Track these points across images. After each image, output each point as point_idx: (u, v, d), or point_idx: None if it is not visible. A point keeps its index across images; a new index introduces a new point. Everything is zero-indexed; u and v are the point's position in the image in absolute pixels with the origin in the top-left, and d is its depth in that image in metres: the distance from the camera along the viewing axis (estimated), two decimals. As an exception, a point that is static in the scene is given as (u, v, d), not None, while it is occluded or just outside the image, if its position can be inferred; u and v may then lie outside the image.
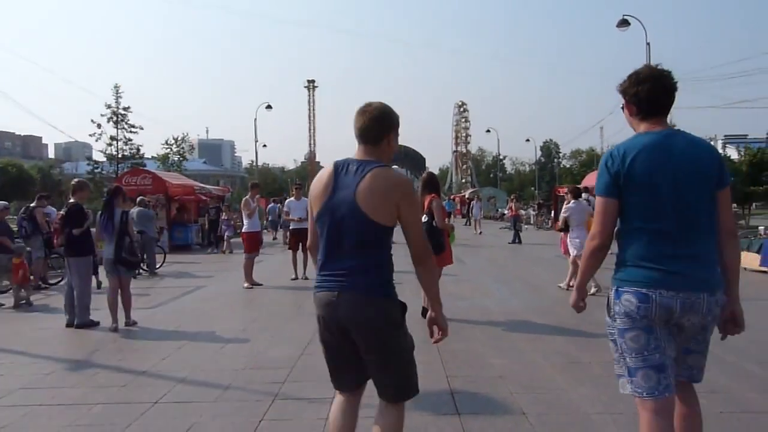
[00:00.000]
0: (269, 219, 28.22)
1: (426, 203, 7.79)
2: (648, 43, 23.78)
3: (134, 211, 14.10)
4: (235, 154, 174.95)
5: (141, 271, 13.50)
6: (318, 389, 4.87)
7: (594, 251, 2.81)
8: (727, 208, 2.76)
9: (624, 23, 23.62)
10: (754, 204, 27.55)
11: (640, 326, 2.66)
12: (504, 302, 9.00)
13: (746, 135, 61.51)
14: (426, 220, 7.68)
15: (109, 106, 35.78)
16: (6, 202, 10.83)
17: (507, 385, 4.90)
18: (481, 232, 27.05)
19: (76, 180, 8.42)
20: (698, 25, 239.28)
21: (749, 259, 12.75)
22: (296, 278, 11.81)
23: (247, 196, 11.39)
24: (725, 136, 74.91)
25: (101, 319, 7.84)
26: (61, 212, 8.56)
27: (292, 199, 12.23)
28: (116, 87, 35.74)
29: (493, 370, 5.36)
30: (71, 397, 4.89)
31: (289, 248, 12.16)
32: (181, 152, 40.53)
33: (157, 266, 14.48)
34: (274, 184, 74.38)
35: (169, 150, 40.06)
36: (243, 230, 11.43)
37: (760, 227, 15.37)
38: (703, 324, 2.72)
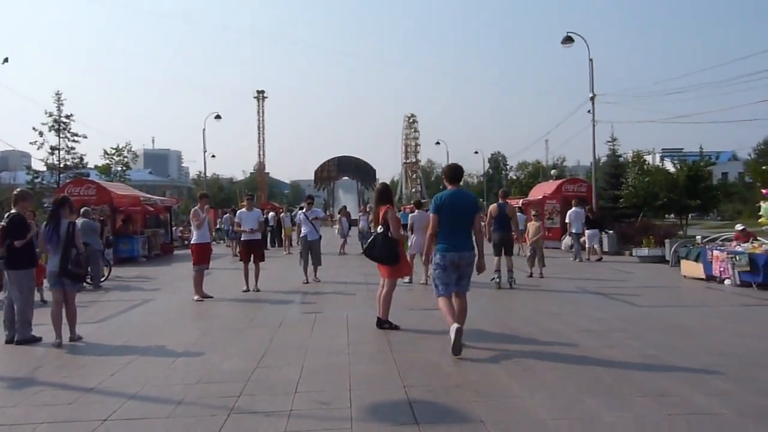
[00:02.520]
0: (223, 229, 27.81)
1: (381, 214, 7.81)
2: (591, 60, 24.55)
3: (79, 222, 13.64)
4: (182, 165, 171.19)
5: (85, 284, 13.03)
6: (274, 402, 4.80)
7: (430, 237, 6.62)
8: (478, 220, 6.65)
9: (568, 40, 24.34)
10: (690, 215, 28.64)
11: (441, 267, 6.43)
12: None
13: (681, 148, 64.16)
14: (381, 231, 7.70)
15: (50, 114, 34.48)
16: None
17: (464, 393, 4.93)
18: None
19: (18, 190, 8.08)
20: (638, 43, 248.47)
21: (690, 268, 13.26)
22: (247, 290, 11.62)
23: (196, 207, 11.15)
24: (662, 149, 77.85)
25: (44, 334, 7.51)
26: (2, 223, 8.18)
27: (244, 209, 12.05)
28: (58, 94, 34.45)
29: (449, 380, 5.39)
30: (13, 417, 4.66)
31: (240, 260, 11.97)
32: (123, 162, 39.29)
33: (102, 279, 14.02)
34: (221, 194, 73.11)
35: (110, 160, 38.77)
36: (192, 242, 11.15)
37: (697, 237, 16.01)
38: (467, 264, 6.48)
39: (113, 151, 38.82)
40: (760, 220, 14.46)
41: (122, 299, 11.47)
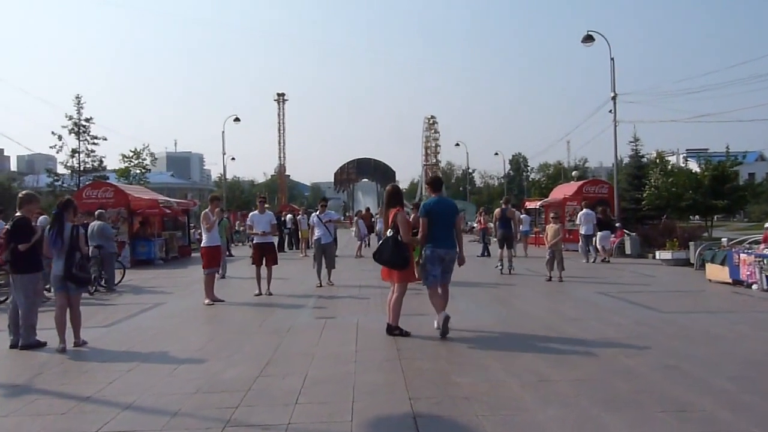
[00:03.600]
0: (243, 231, 27.96)
1: (391, 217, 7.57)
2: (612, 58, 24.06)
3: (94, 225, 13.63)
4: (204, 167, 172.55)
5: (98, 287, 13.01)
6: (272, 414, 4.59)
7: (423, 238, 7.37)
8: (459, 221, 7.79)
9: (589, 39, 23.88)
10: (715, 216, 27.96)
11: (432, 262, 7.33)
12: (471, 317, 8.79)
13: (707, 149, 62.88)
14: (391, 234, 7.46)
15: (70, 118, 34.82)
16: None
17: (473, 406, 4.66)
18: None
19: (23, 192, 7.98)
20: (661, 40, 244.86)
21: (715, 271, 12.80)
22: (260, 294, 11.45)
23: (207, 210, 11.01)
24: (687, 150, 76.38)
25: (50, 339, 7.40)
26: (7, 226, 8.08)
27: (256, 212, 11.89)
28: (78, 97, 34.82)
29: (458, 390, 5.12)
30: (3, 428, 4.51)
31: (253, 263, 11.80)
32: (142, 165, 39.49)
33: (117, 282, 13.96)
34: (242, 197, 73.41)
35: (128, 163, 38.99)
36: (202, 245, 11.00)
37: (722, 239, 15.52)
38: (450, 260, 7.44)
39: (132, 155, 39.06)
40: (789, 222, 13.94)
41: (134, 302, 11.38)
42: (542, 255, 14.68)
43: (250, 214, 12.42)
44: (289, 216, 27.69)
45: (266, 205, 12.13)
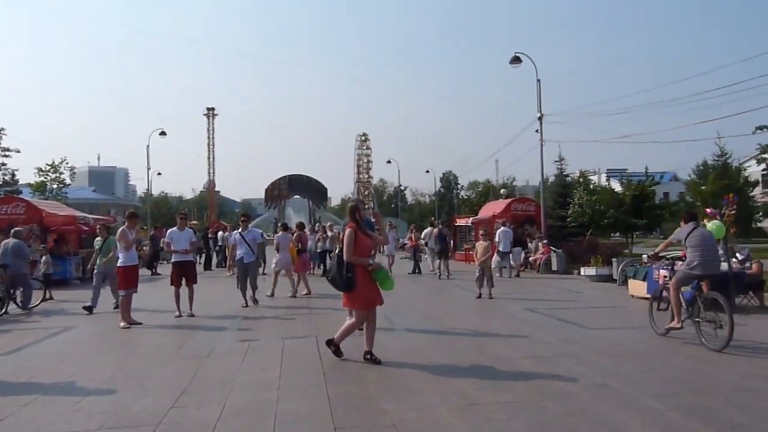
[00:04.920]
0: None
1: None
2: (538, 80, 24.72)
3: (8, 242, 12.67)
4: (130, 183, 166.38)
5: (6, 310, 12.03)
6: (184, 452, 4.19)
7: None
8: (380, 226, 10.66)
9: (516, 60, 24.43)
10: (635, 233, 29.03)
11: None
12: (401, 337, 8.60)
13: (626, 169, 65.80)
14: (338, 252, 7.08)
15: (-23, 128, 32.74)
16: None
17: (400, 435, 4.42)
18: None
19: None
20: (585, 63, 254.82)
21: (637, 287, 13.14)
22: (180, 316, 10.84)
23: (124, 227, 10.37)
24: (608, 169, 79.67)
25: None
26: None
27: (175, 229, 11.24)
28: (-12, 108, 32.86)
29: (385, 418, 4.87)
30: None
31: (172, 284, 11.11)
32: (59, 179, 37.45)
33: (36, 303, 12.99)
34: (169, 213, 71.05)
35: (45, 177, 36.91)
36: (119, 264, 10.30)
37: (643, 255, 16.04)
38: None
39: (48, 168, 36.99)
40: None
41: (42, 326, 10.51)
42: (472, 271, 14.68)
43: (168, 231, 11.73)
44: (220, 233, 26.82)
45: (194, 222, 11.58)
